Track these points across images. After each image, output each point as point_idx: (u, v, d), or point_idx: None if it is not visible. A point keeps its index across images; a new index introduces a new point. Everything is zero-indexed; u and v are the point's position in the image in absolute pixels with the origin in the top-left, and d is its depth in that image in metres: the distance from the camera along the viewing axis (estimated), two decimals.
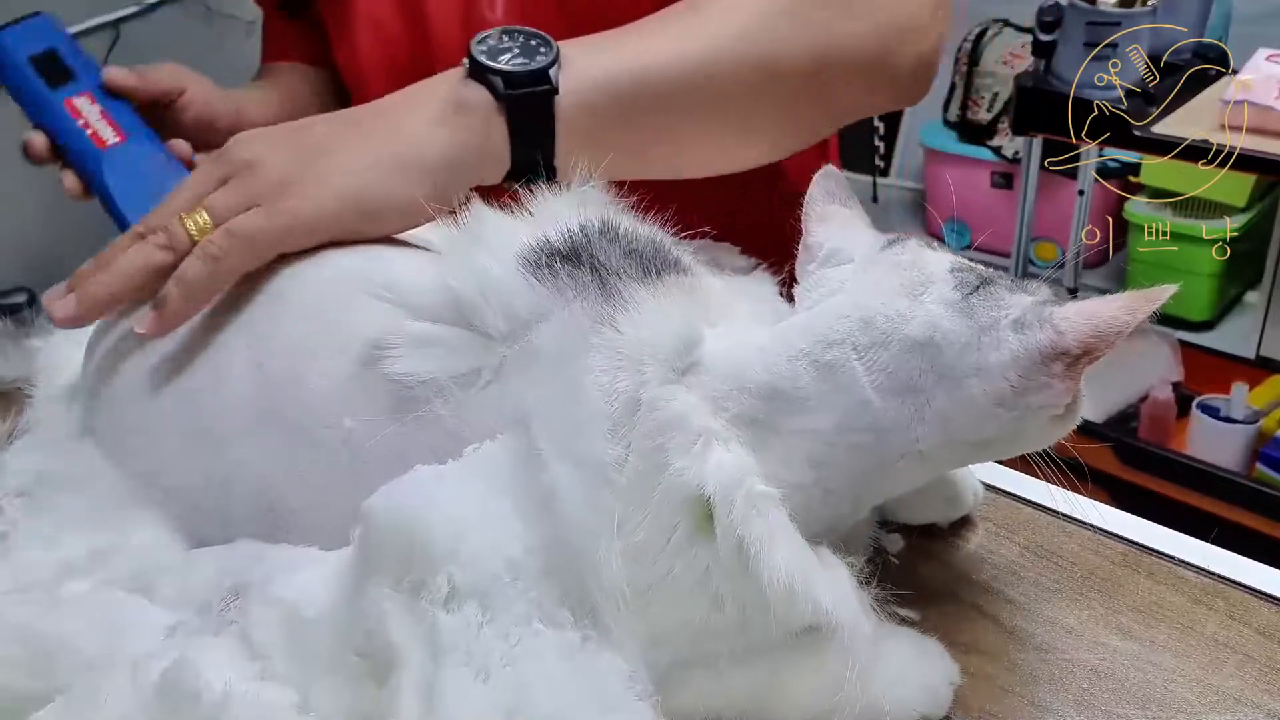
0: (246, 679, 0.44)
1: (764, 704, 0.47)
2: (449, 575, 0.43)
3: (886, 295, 0.47)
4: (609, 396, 0.45)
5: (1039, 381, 0.45)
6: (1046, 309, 0.46)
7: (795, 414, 0.46)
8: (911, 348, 0.46)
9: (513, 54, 0.59)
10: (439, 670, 0.42)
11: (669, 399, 0.45)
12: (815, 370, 0.46)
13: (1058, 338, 0.45)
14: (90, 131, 0.73)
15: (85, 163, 0.72)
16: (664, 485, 0.43)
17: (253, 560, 0.50)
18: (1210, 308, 2.35)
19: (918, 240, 0.51)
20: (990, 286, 0.47)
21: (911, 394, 0.46)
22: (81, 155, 0.72)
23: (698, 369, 0.46)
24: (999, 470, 0.66)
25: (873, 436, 0.46)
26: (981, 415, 0.46)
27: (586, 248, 0.49)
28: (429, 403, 0.48)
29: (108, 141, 0.73)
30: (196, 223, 0.55)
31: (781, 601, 0.43)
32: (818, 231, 0.52)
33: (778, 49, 0.63)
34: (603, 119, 0.60)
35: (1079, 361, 0.45)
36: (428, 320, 0.50)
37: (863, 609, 0.46)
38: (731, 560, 0.43)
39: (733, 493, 0.43)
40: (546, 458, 0.44)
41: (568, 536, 0.44)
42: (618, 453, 0.44)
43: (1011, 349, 0.45)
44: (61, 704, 0.46)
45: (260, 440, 0.52)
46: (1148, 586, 0.57)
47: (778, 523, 0.44)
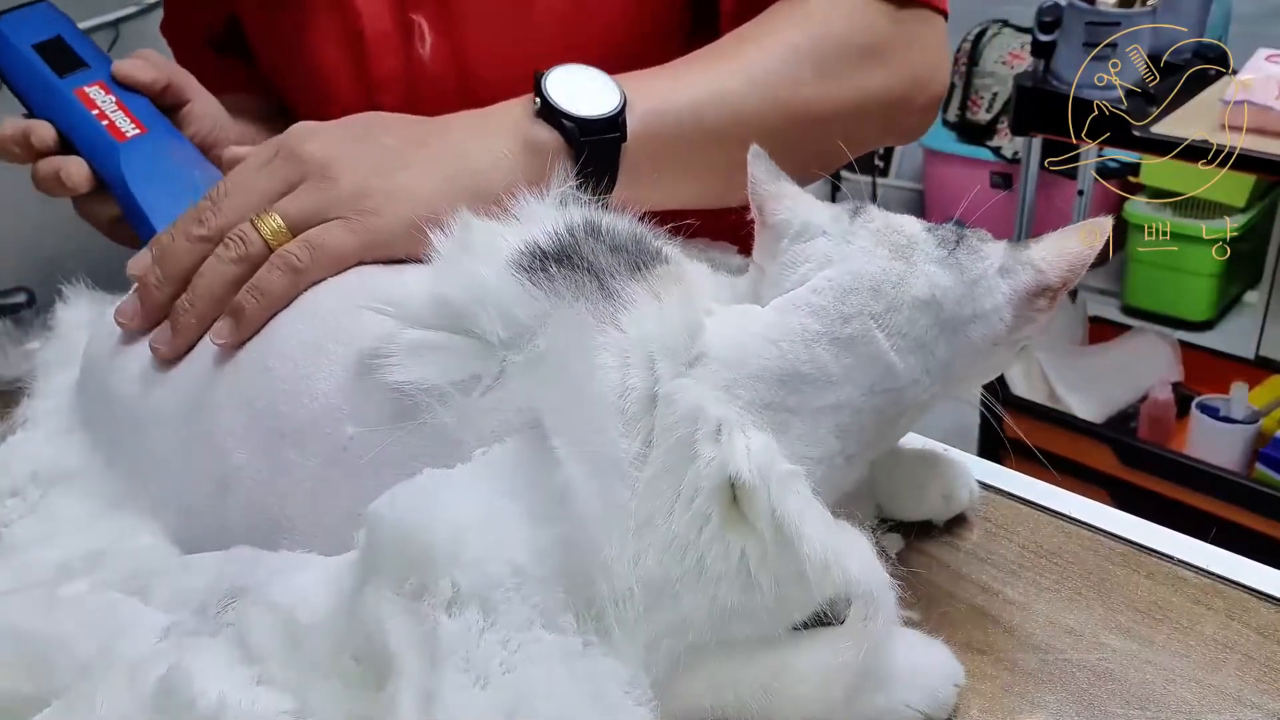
0: (243, 683, 0.44)
1: (772, 695, 0.47)
2: (452, 580, 0.43)
3: (882, 261, 0.49)
4: (622, 393, 0.45)
5: (1027, 316, 0.51)
6: (1021, 253, 0.51)
7: (822, 392, 0.47)
8: (918, 306, 0.49)
9: (577, 89, 0.60)
10: (438, 675, 0.42)
11: (684, 391, 0.45)
12: (836, 347, 0.48)
13: (1040, 275, 0.51)
14: (107, 123, 0.68)
15: (100, 156, 0.68)
16: (693, 476, 0.44)
17: (249, 565, 0.50)
18: (1210, 308, 2.35)
19: (875, 206, 0.53)
20: (966, 240, 0.51)
21: (923, 349, 0.49)
22: (96, 148, 0.68)
23: (704, 359, 0.47)
24: (998, 470, 0.66)
25: (894, 396, 0.49)
26: (978, 355, 0.51)
27: (576, 249, 0.49)
28: (431, 410, 0.48)
29: (127, 133, 0.68)
30: (270, 227, 0.55)
31: (818, 575, 0.44)
32: (780, 209, 0.53)
33: (807, 94, 0.67)
34: (656, 158, 0.61)
35: (1059, 293, 0.51)
36: (424, 328, 0.49)
37: (887, 579, 0.46)
38: (773, 541, 0.44)
39: (768, 474, 0.44)
40: (561, 456, 0.44)
41: (581, 535, 0.44)
42: (635, 448, 0.45)
43: (1004, 293, 0.50)
44: (58, 709, 0.46)
45: (260, 445, 0.52)
46: (1147, 586, 0.57)
47: (807, 499, 0.45)
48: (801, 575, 0.44)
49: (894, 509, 0.60)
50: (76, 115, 0.69)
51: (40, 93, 0.70)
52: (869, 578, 0.45)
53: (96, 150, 0.68)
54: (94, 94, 0.70)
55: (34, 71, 0.70)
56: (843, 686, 0.46)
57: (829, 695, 0.46)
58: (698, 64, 0.66)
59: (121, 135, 0.68)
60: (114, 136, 0.68)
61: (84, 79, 0.71)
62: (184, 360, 0.56)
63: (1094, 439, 1.83)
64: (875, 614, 0.45)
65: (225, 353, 0.54)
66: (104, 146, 0.68)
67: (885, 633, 0.45)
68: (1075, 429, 1.85)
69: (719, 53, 0.67)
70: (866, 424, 0.49)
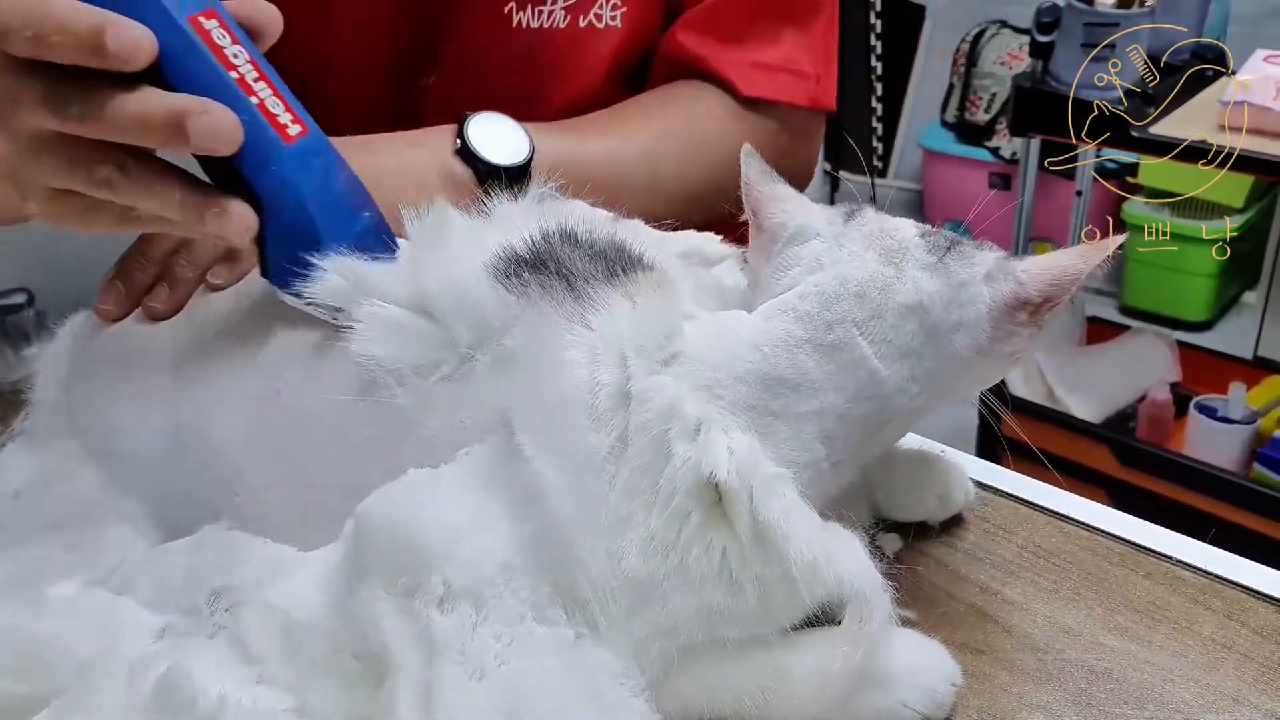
0: (242, 684, 0.44)
1: (769, 696, 0.47)
2: (444, 578, 0.43)
3: (871, 266, 0.49)
4: (591, 389, 0.45)
5: (1007, 330, 0.49)
6: (1010, 262, 0.50)
7: (805, 398, 0.47)
8: (904, 313, 0.48)
9: (496, 135, 0.71)
10: (435, 671, 0.42)
11: (659, 388, 0.45)
12: (820, 354, 0.47)
13: (1019, 288, 0.49)
14: (256, 100, 0.47)
15: (256, 155, 0.47)
16: (669, 474, 0.44)
17: (227, 557, 0.50)
18: (1208, 308, 2.35)
19: (872, 208, 0.53)
20: (959, 246, 0.50)
21: (909, 357, 0.48)
22: (254, 147, 0.47)
23: (681, 358, 0.47)
24: (997, 470, 0.66)
25: (879, 403, 0.48)
26: (964, 365, 0.50)
27: (551, 255, 0.49)
28: (390, 389, 0.48)
29: (292, 133, 0.48)
30: None
31: (806, 577, 0.44)
32: (776, 211, 0.53)
33: (668, 172, 0.79)
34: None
35: (1040, 309, 0.50)
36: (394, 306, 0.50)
37: (880, 580, 0.46)
38: (752, 544, 0.44)
39: (749, 476, 0.44)
40: (528, 453, 0.44)
41: (553, 532, 0.44)
42: (607, 443, 0.44)
43: (985, 301, 0.49)
44: (56, 709, 0.46)
45: (213, 393, 0.53)
46: (1146, 586, 0.57)
47: (793, 501, 0.45)
48: (787, 577, 0.44)
49: (890, 510, 0.60)
50: (207, 71, 0.46)
51: (126, 13, 0.45)
52: (861, 579, 0.45)
53: (256, 151, 0.47)
54: (214, 32, 0.46)
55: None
56: (840, 687, 0.46)
57: (826, 696, 0.46)
58: (599, 124, 0.78)
59: (289, 136, 0.48)
60: (278, 133, 0.48)
61: (191, 1, 0.46)
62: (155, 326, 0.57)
63: (1092, 439, 1.84)
64: (870, 615, 0.45)
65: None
66: (264, 145, 0.47)
67: (881, 633, 0.45)
68: (1074, 429, 1.85)
69: (617, 117, 0.80)
70: (852, 431, 0.48)
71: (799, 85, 0.83)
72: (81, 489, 0.55)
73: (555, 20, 0.77)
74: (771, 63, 0.82)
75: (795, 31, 0.83)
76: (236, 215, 0.47)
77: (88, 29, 0.43)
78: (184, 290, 0.57)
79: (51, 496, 0.55)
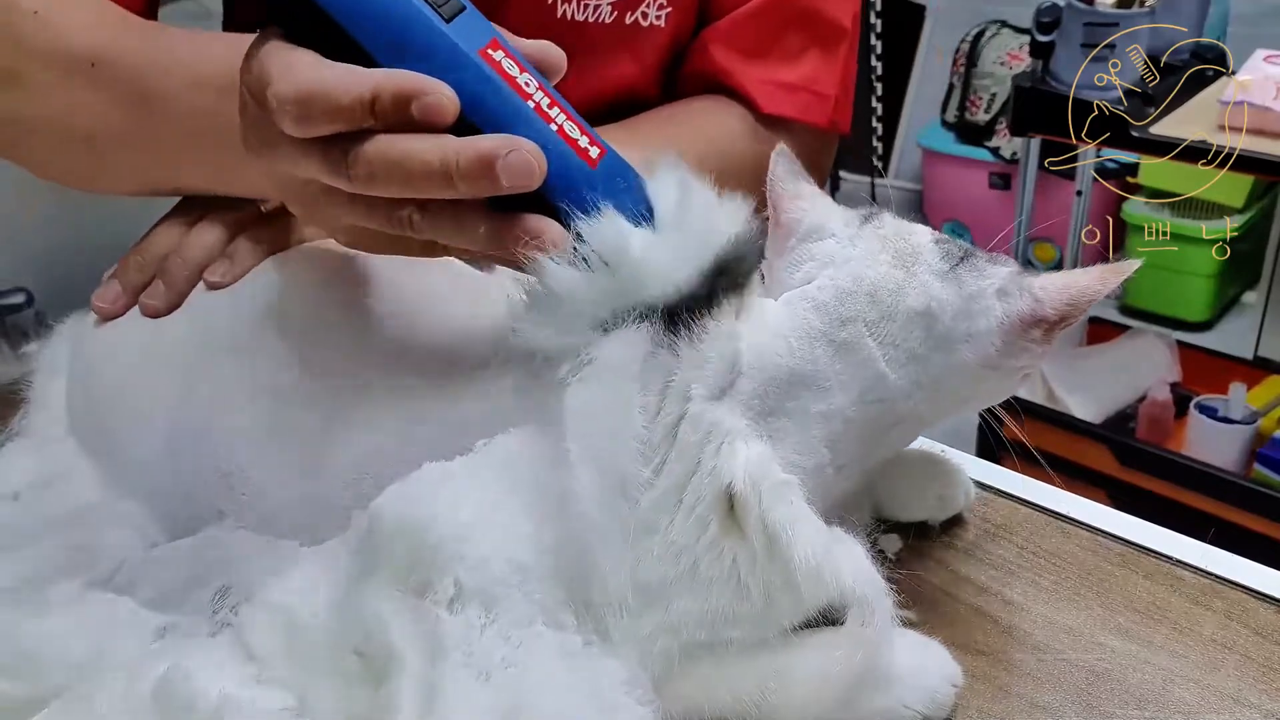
0: (243, 682, 0.44)
1: (771, 697, 0.47)
2: (455, 577, 0.43)
3: (883, 268, 0.49)
4: (650, 418, 0.45)
5: (1019, 346, 0.49)
6: (1025, 278, 0.49)
7: (815, 398, 0.47)
8: (913, 318, 0.48)
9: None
10: (439, 671, 0.42)
11: (706, 414, 0.45)
12: (833, 349, 0.48)
13: (1036, 305, 0.49)
14: (555, 126, 0.45)
15: (563, 183, 0.45)
16: (696, 485, 0.44)
17: (230, 555, 0.50)
18: (1208, 308, 2.35)
19: (890, 213, 0.52)
20: (972, 258, 0.50)
21: (915, 362, 0.48)
22: (557, 168, 0.44)
23: (739, 382, 0.47)
24: (997, 470, 0.66)
25: (884, 408, 0.48)
26: (970, 377, 0.49)
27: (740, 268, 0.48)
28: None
29: (593, 155, 0.46)
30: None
31: (810, 582, 0.44)
32: (794, 208, 0.53)
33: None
34: None
35: (1055, 327, 0.49)
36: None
37: (882, 584, 0.46)
38: (763, 549, 0.44)
39: (760, 483, 0.44)
40: (573, 459, 0.44)
41: (579, 540, 0.44)
42: (645, 475, 0.44)
43: (997, 316, 0.49)
44: (56, 709, 0.46)
45: (216, 390, 0.53)
46: (1146, 587, 0.57)
47: (800, 508, 0.45)
48: (791, 582, 0.44)
49: (890, 510, 0.60)
50: (504, 104, 0.44)
51: (420, 55, 0.43)
52: (863, 583, 0.45)
53: (563, 177, 0.45)
54: (504, 63, 0.45)
55: (407, 17, 0.43)
56: (841, 688, 0.46)
57: (827, 697, 0.46)
58: (614, 135, 0.73)
59: (591, 160, 0.46)
60: (581, 158, 0.46)
61: (476, 32, 0.44)
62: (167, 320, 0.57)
63: (1092, 439, 1.83)
64: (871, 618, 0.45)
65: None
66: (571, 171, 0.45)
67: (882, 635, 0.45)
68: (1074, 429, 1.85)
69: (661, 120, 0.78)
70: (857, 435, 0.49)
71: (819, 106, 0.83)
72: (81, 489, 0.55)
73: (601, 15, 0.77)
74: (793, 81, 0.82)
75: (819, 53, 0.82)
76: (549, 239, 0.45)
77: (391, 100, 0.42)
78: (179, 288, 0.57)
79: (51, 496, 0.55)
